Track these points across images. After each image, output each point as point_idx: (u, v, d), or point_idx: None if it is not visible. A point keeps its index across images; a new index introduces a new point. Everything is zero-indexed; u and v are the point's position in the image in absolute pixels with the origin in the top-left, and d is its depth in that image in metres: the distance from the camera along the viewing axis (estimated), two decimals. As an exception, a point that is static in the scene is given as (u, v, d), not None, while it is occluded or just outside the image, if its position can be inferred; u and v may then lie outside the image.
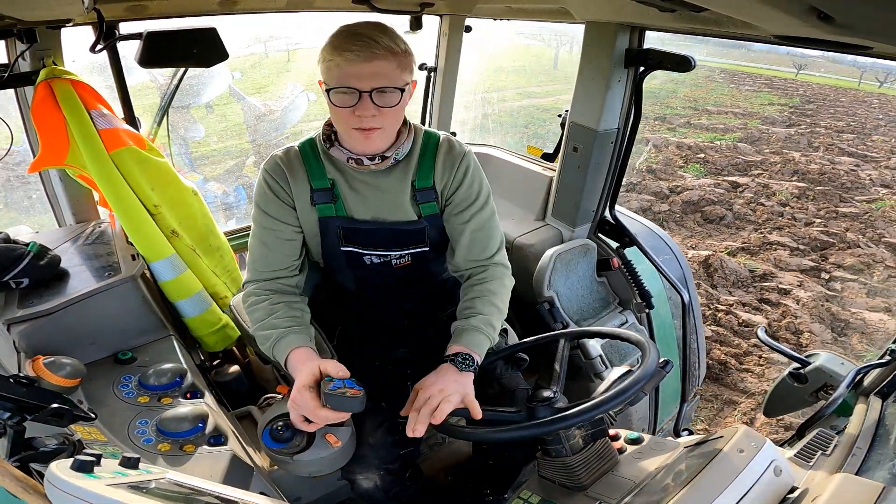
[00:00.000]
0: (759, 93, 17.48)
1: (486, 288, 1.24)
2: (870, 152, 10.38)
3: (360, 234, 1.27)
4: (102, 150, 1.47)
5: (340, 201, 1.24)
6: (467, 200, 1.27)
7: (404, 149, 1.22)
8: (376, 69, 1.05)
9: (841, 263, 5.52)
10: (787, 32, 0.97)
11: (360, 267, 1.31)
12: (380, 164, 1.19)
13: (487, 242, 1.27)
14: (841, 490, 0.72)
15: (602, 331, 1.20)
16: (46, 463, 0.68)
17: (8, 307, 1.28)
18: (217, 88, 5.77)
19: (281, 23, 15.68)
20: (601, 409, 0.90)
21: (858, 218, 6.77)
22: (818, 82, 21.98)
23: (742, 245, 5.84)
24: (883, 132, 12.62)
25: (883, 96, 19.23)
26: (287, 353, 1.11)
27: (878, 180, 8.52)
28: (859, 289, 5.06)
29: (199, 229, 1.70)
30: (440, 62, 2.47)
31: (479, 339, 1.16)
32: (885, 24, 0.68)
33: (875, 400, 1.11)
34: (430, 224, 1.29)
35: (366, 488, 1.16)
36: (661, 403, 2.02)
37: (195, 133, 5.76)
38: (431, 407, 1.01)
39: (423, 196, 1.26)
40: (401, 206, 1.26)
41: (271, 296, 1.20)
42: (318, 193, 1.22)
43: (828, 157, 9.74)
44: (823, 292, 4.92)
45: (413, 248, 1.30)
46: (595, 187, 1.93)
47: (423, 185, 1.26)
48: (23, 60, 1.51)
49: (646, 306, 1.91)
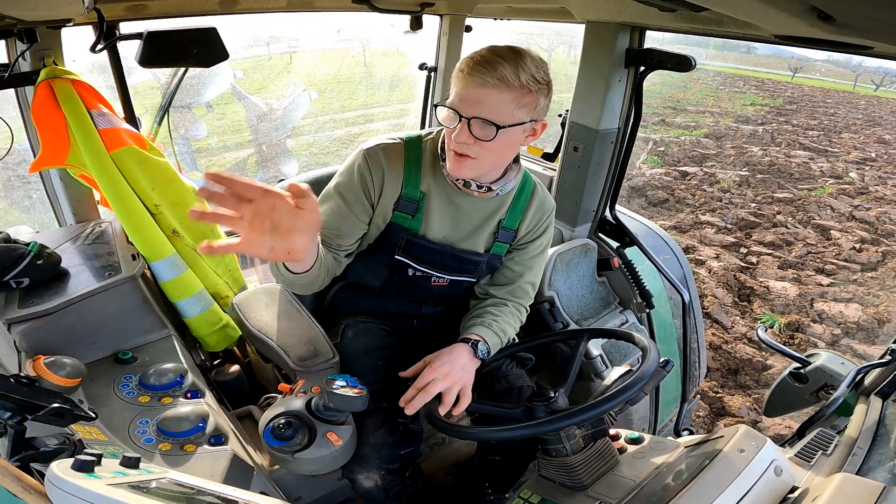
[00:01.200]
0: (745, 94, 17.72)
1: (503, 310, 1.30)
2: (831, 148, 10.81)
3: (421, 251, 1.26)
4: (103, 150, 1.47)
5: (420, 217, 1.21)
6: (535, 249, 1.32)
7: (509, 186, 1.21)
8: (486, 98, 0.99)
9: (762, 240, 6.01)
10: (788, 32, 0.97)
11: (399, 274, 1.31)
12: (485, 193, 1.18)
13: (524, 276, 1.33)
14: (841, 490, 0.72)
15: (614, 331, 1.21)
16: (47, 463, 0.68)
17: (8, 307, 1.28)
18: (219, 87, 5.77)
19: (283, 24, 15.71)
20: (602, 409, 0.90)
21: (793, 203, 7.26)
22: (812, 84, 22.13)
23: (675, 224, 6.35)
24: (854, 130, 12.97)
25: (875, 98, 19.42)
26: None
27: (829, 171, 9.03)
28: (773, 262, 5.48)
29: (200, 228, 1.70)
30: (440, 62, 2.47)
31: (493, 338, 1.21)
32: (885, 23, 0.68)
33: (875, 400, 1.11)
34: (490, 260, 1.32)
35: (366, 487, 1.16)
36: (661, 403, 2.02)
37: (197, 132, 5.78)
38: (428, 394, 1.06)
39: (504, 236, 1.29)
40: (478, 237, 1.28)
41: None
42: (405, 202, 1.19)
43: (784, 151, 10.18)
44: (738, 264, 5.37)
45: (460, 276, 1.32)
46: (595, 187, 1.93)
47: (509, 226, 1.28)
48: (23, 60, 1.51)
49: (646, 306, 1.91)
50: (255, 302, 1.56)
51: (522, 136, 1.08)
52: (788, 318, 4.41)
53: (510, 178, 1.19)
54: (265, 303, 1.46)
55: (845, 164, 9.56)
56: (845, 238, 6.19)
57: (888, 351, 1.16)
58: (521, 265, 1.33)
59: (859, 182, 8.55)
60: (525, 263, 1.33)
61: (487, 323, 1.23)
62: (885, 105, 17.91)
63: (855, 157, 10.18)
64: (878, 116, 15.37)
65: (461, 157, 1.06)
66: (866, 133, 12.71)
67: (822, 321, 4.46)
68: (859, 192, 8.04)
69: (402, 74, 11.92)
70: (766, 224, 6.50)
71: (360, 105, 11.08)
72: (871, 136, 12.45)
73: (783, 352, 1.41)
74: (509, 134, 1.02)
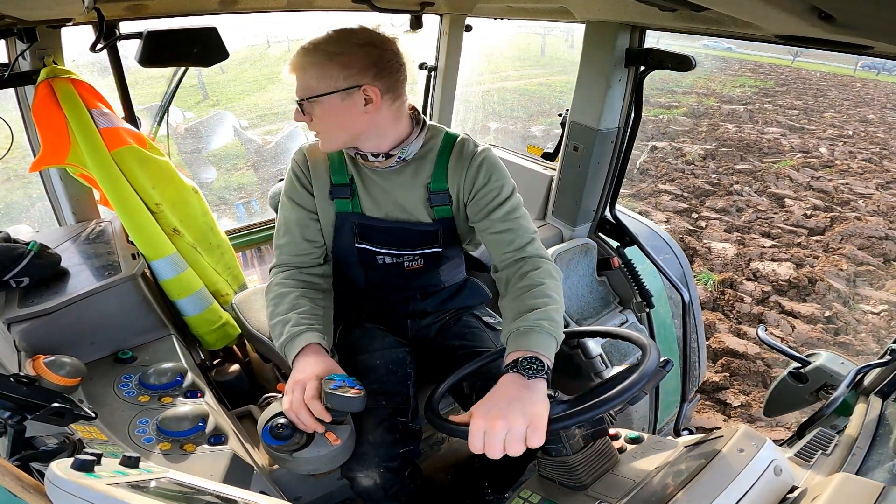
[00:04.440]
0: (739, 77, 17.63)
1: (529, 282, 1.11)
2: (809, 125, 10.94)
3: (374, 232, 1.28)
4: (104, 149, 1.47)
5: (357, 198, 1.26)
6: (485, 197, 1.22)
7: (412, 148, 1.21)
8: (301, 80, 1.09)
9: (714, 206, 6.29)
10: (788, 32, 0.97)
11: (372, 266, 1.32)
12: (384, 161, 1.19)
13: (515, 234, 1.19)
14: (841, 490, 0.72)
15: (605, 330, 1.20)
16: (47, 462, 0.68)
17: (8, 306, 1.28)
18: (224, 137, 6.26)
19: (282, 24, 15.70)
20: (601, 409, 0.89)
21: (752, 174, 7.49)
22: (811, 68, 22.01)
23: (634, 192, 6.65)
24: (838, 110, 12.97)
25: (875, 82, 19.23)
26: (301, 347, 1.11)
27: (799, 147, 9.20)
28: (720, 226, 5.75)
29: (200, 227, 1.70)
30: (440, 62, 2.47)
31: (540, 338, 0.99)
32: (885, 23, 0.68)
33: (875, 399, 1.11)
34: (444, 226, 1.28)
35: (365, 486, 1.16)
36: (661, 403, 2.02)
37: (208, 175, 6.06)
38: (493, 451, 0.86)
39: (438, 199, 1.25)
40: (413, 207, 1.26)
41: (295, 290, 1.22)
42: (337, 188, 1.25)
43: (758, 128, 10.34)
44: (686, 227, 5.68)
45: (425, 249, 1.30)
46: (595, 187, 1.93)
47: (438, 187, 1.25)
48: (23, 60, 1.51)
49: (646, 305, 1.91)
50: (255, 302, 1.56)
51: (353, 103, 1.09)
52: (723, 276, 4.59)
53: (410, 140, 1.20)
54: (264, 303, 1.46)
55: (818, 141, 9.66)
56: (798, 206, 6.38)
57: (888, 351, 1.16)
58: (494, 224, 1.20)
59: (828, 156, 8.69)
60: (497, 222, 1.20)
61: (523, 328, 1.03)
62: (881, 88, 17.68)
63: (830, 134, 10.22)
64: (869, 98, 15.24)
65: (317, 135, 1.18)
66: (850, 113, 12.69)
67: (755, 279, 4.62)
68: (825, 165, 8.19)
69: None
70: (721, 192, 6.73)
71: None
72: (854, 115, 12.45)
73: (783, 351, 1.41)
74: (327, 103, 1.09)
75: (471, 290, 1.47)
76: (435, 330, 1.44)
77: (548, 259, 1.19)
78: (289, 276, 1.25)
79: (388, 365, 1.29)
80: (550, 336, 1.01)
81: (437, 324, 1.44)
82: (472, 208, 1.24)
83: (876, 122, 11.82)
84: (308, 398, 1.02)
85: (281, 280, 1.24)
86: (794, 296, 4.47)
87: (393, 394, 1.23)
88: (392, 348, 1.34)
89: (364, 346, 1.34)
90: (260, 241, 2.53)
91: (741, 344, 3.66)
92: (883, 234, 5.58)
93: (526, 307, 1.06)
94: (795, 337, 3.83)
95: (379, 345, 1.34)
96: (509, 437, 0.86)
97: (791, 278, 4.61)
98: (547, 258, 1.20)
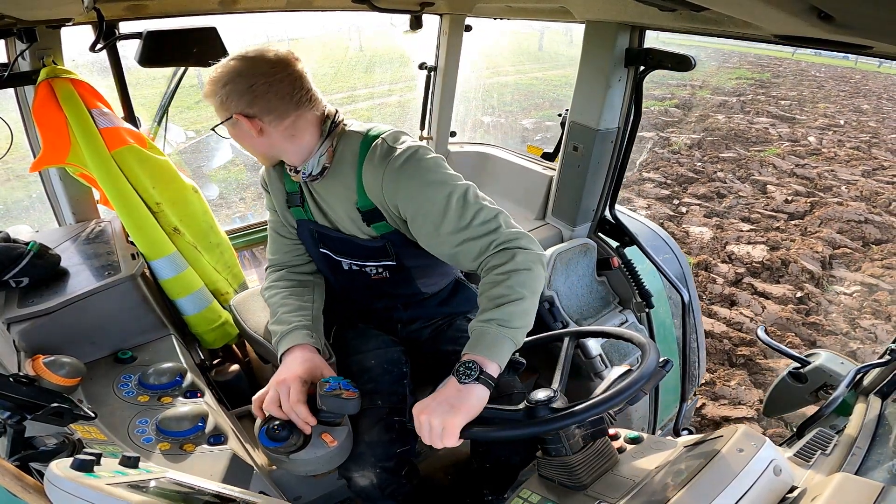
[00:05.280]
0: (737, 69, 17.54)
1: (492, 278, 1.02)
2: (800, 116, 10.92)
3: (328, 239, 1.27)
4: (104, 149, 1.47)
5: (307, 206, 1.27)
6: (420, 213, 1.07)
7: (312, 163, 1.14)
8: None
9: (695, 193, 6.38)
10: (788, 32, 0.97)
11: (339, 272, 1.32)
12: (296, 175, 1.20)
13: (473, 242, 1.05)
14: (840, 490, 0.72)
15: (605, 330, 1.20)
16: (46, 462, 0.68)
17: (8, 306, 1.28)
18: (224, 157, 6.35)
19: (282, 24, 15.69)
20: (601, 409, 0.90)
21: (736, 162, 7.53)
22: (811, 60, 21.82)
23: None
24: (832, 101, 12.88)
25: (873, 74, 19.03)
26: (287, 347, 1.14)
27: (787, 136, 9.17)
28: (700, 211, 5.87)
29: (200, 226, 1.71)
30: (440, 62, 2.47)
31: (487, 342, 0.97)
32: (885, 23, 0.68)
33: (875, 399, 1.11)
34: (392, 241, 1.18)
35: (362, 486, 1.16)
36: (661, 403, 2.02)
37: (209, 193, 6.14)
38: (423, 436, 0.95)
39: (370, 216, 1.15)
40: (350, 224, 1.20)
41: (283, 290, 1.28)
42: (291, 196, 1.28)
43: (748, 118, 10.35)
44: (667, 213, 5.76)
45: (381, 262, 1.25)
46: (595, 186, 1.93)
47: (364, 205, 1.14)
48: (22, 60, 1.51)
49: (646, 305, 1.91)
50: (252, 303, 1.56)
51: (241, 129, 1.12)
52: (698, 259, 4.66)
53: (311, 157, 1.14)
54: (262, 304, 1.46)
55: (807, 130, 9.63)
56: (780, 192, 6.43)
57: (888, 350, 1.16)
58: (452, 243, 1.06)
59: (816, 145, 8.70)
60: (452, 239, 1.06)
61: (475, 327, 1.00)
62: (880, 80, 17.48)
63: (821, 124, 10.20)
64: (866, 89, 15.03)
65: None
66: (844, 103, 12.60)
67: (730, 262, 4.70)
68: (811, 153, 8.20)
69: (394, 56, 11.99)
70: (704, 179, 6.81)
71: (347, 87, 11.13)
72: (848, 105, 12.36)
73: (783, 351, 1.41)
74: (227, 130, 1.14)
75: (464, 295, 1.45)
76: (427, 333, 1.43)
77: (518, 245, 1.04)
78: (279, 276, 1.32)
79: (383, 364, 1.29)
80: (502, 337, 0.97)
81: (428, 327, 1.43)
82: (412, 226, 1.11)
83: (870, 112, 11.73)
84: (293, 402, 1.04)
85: (271, 282, 1.32)
86: (767, 277, 4.51)
87: (389, 393, 1.23)
88: (386, 348, 1.34)
89: (358, 346, 1.34)
90: (259, 241, 2.53)
91: (709, 323, 3.76)
92: (863, 217, 5.62)
93: (483, 306, 1.01)
94: (765, 317, 3.88)
95: (373, 345, 1.34)
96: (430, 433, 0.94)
97: (765, 260, 4.67)
98: (516, 244, 1.04)
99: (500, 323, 0.98)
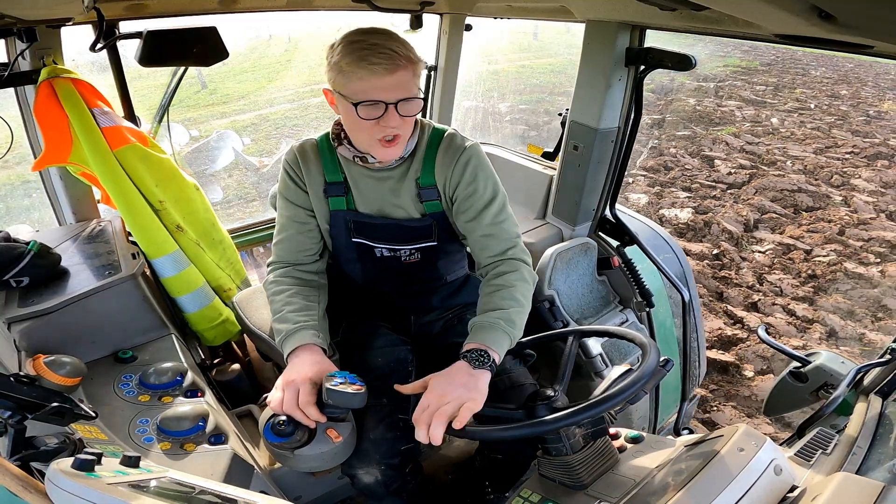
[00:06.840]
0: (727, 58, 17.45)
1: (501, 282, 1.19)
2: (771, 100, 11.09)
3: (370, 228, 1.30)
4: (106, 148, 1.47)
5: (351, 196, 1.28)
6: (471, 198, 1.24)
7: (409, 146, 1.23)
8: (399, 80, 1.08)
9: (644, 166, 6.75)
10: (788, 31, 0.97)
11: (370, 259, 1.34)
12: (364, 163, 1.23)
13: (498, 239, 1.24)
14: (841, 489, 0.72)
15: (608, 329, 1.20)
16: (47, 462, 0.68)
17: (8, 306, 1.29)
18: (227, 158, 6.42)
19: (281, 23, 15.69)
20: (602, 408, 0.90)
21: (691, 139, 8.01)
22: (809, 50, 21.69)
23: None
24: (810, 87, 12.91)
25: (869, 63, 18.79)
26: (294, 347, 1.12)
27: (751, 117, 9.40)
28: (644, 182, 6.25)
29: (203, 223, 1.71)
30: (440, 61, 2.47)
31: (495, 335, 1.10)
32: (886, 22, 0.68)
33: (875, 399, 1.11)
34: (437, 220, 1.30)
35: (365, 483, 1.16)
36: (661, 402, 2.02)
37: (214, 196, 6.21)
38: (424, 423, 0.96)
39: (427, 194, 1.27)
40: (404, 203, 1.28)
41: (289, 287, 1.24)
42: (331, 186, 1.27)
43: (717, 102, 10.61)
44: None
45: (421, 243, 1.31)
46: (595, 186, 1.93)
47: (426, 182, 1.26)
48: (23, 59, 1.51)
49: (646, 305, 1.91)
50: (255, 300, 1.56)
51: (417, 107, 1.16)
52: None
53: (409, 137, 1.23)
54: (265, 301, 1.46)
55: (773, 112, 9.85)
56: (725, 166, 6.80)
57: (888, 350, 1.16)
58: (475, 222, 1.24)
59: (777, 126, 8.94)
60: (479, 219, 1.23)
61: (485, 323, 1.12)
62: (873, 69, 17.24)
63: (789, 107, 10.29)
64: (854, 77, 14.76)
65: (392, 140, 1.15)
66: (823, 90, 12.55)
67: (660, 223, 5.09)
68: (769, 133, 8.42)
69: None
70: (655, 154, 7.11)
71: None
72: (825, 91, 12.31)
73: (783, 351, 1.41)
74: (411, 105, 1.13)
75: (473, 286, 1.48)
76: (438, 327, 1.44)
77: (526, 261, 1.26)
78: (284, 273, 1.28)
79: (389, 363, 1.29)
80: (505, 335, 1.11)
81: (440, 321, 1.45)
82: (459, 207, 1.26)
83: (846, 98, 11.68)
84: (303, 403, 1.03)
85: (276, 278, 1.28)
86: (690, 237, 4.99)
87: (394, 391, 1.24)
88: (394, 346, 1.35)
89: (366, 343, 1.35)
90: (260, 240, 2.53)
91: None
92: (798, 188, 6.00)
93: (492, 305, 1.15)
94: (680, 270, 4.16)
95: (381, 343, 1.35)
96: (436, 416, 0.95)
97: (689, 221, 5.16)
98: (525, 260, 1.26)
99: (506, 322, 1.12)
